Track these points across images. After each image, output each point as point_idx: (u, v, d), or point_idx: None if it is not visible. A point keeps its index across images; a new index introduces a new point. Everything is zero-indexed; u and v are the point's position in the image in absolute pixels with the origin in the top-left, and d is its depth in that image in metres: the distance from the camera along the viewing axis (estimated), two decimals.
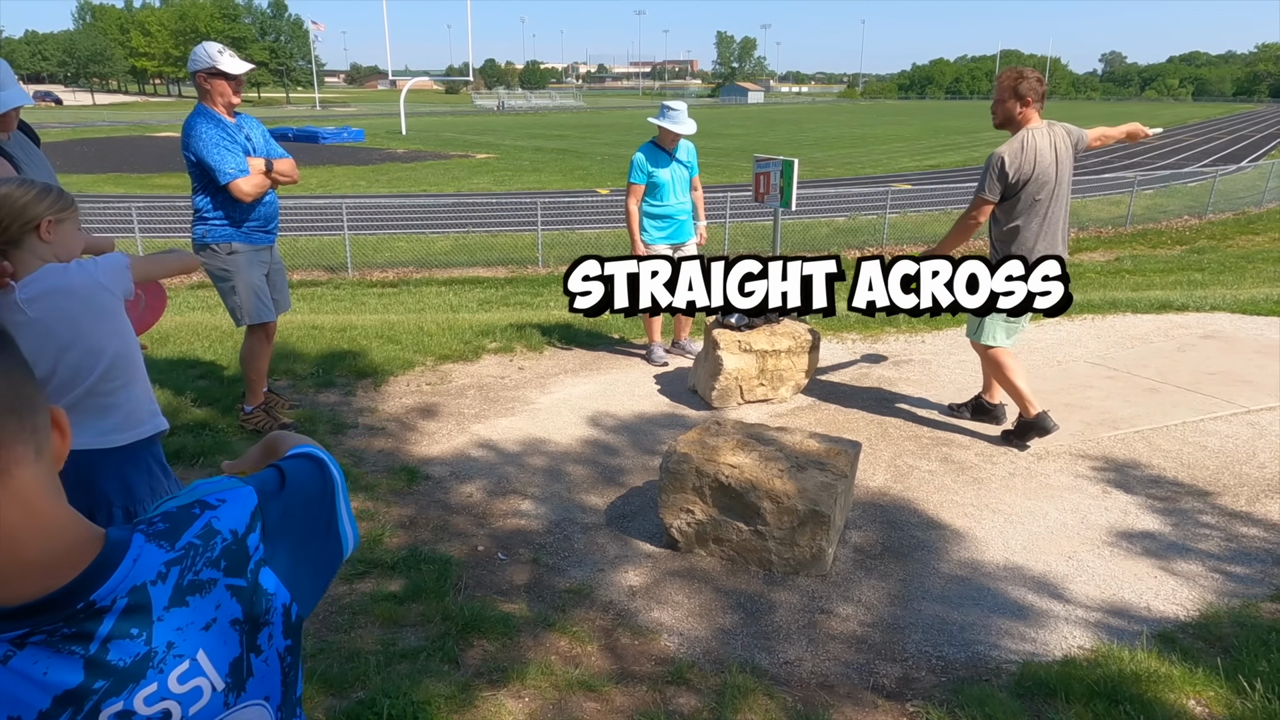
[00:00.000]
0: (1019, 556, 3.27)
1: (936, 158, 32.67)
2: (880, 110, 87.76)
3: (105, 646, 0.69)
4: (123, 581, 0.71)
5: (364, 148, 35.50)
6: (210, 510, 0.79)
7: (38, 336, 2.01)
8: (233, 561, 0.77)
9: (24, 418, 0.68)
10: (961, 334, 6.40)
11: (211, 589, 0.75)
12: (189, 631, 0.73)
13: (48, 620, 0.68)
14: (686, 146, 5.59)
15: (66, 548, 0.70)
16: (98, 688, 0.69)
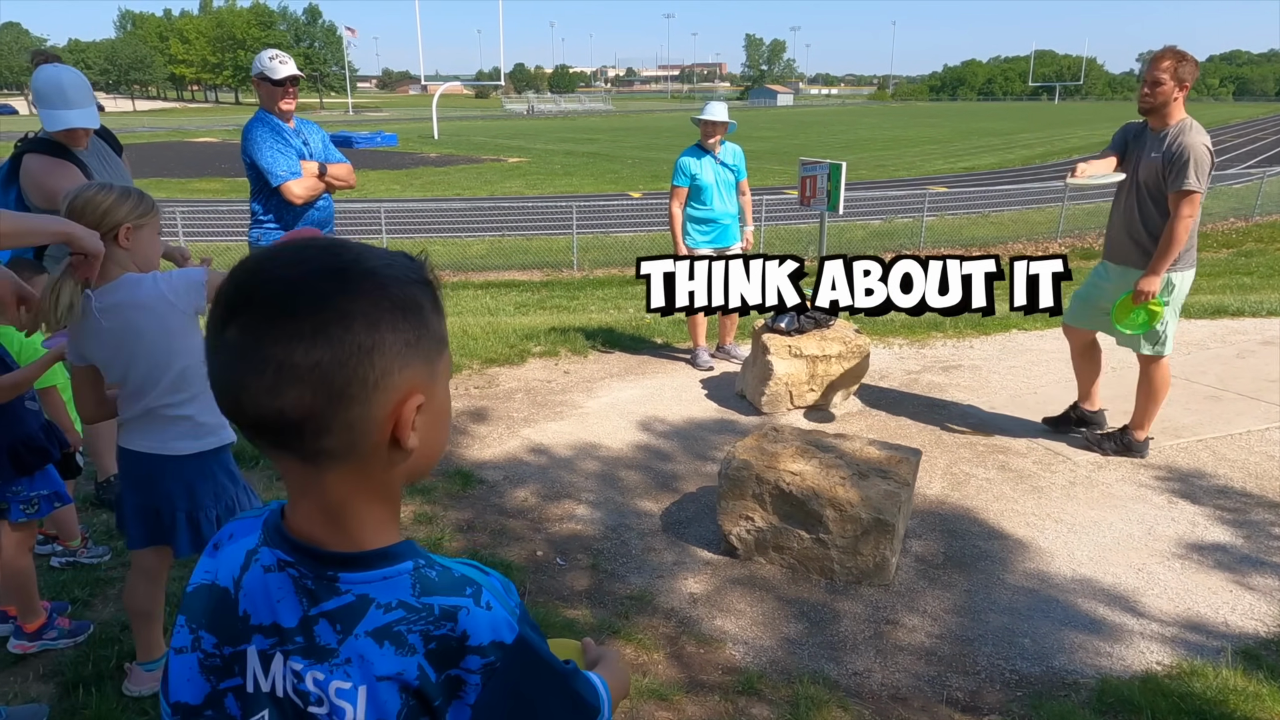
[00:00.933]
0: (1086, 568, 3.21)
1: (971, 160, 32.31)
2: (911, 112, 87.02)
3: (318, 617, 0.75)
4: (361, 584, 0.76)
5: (397, 152, 35.90)
6: (467, 602, 0.75)
7: (110, 346, 2.05)
8: (440, 654, 0.74)
9: None
10: (1010, 339, 6.32)
11: (409, 655, 0.74)
12: (366, 667, 0.74)
13: (307, 563, 0.76)
14: (732, 149, 5.57)
15: (351, 521, 0.77)
16: (297, 641, 0.76)
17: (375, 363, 0.70)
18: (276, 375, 0.68)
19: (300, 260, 0.72)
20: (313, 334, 0.68)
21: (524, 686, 0.76)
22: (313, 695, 0.75)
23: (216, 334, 0.71)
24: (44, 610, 2.53)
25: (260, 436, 0.73)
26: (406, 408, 0.73)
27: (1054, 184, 18.94)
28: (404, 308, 0.72)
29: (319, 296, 0.69)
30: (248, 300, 0.70)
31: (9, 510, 2.38)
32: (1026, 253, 14.71)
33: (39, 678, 2.42)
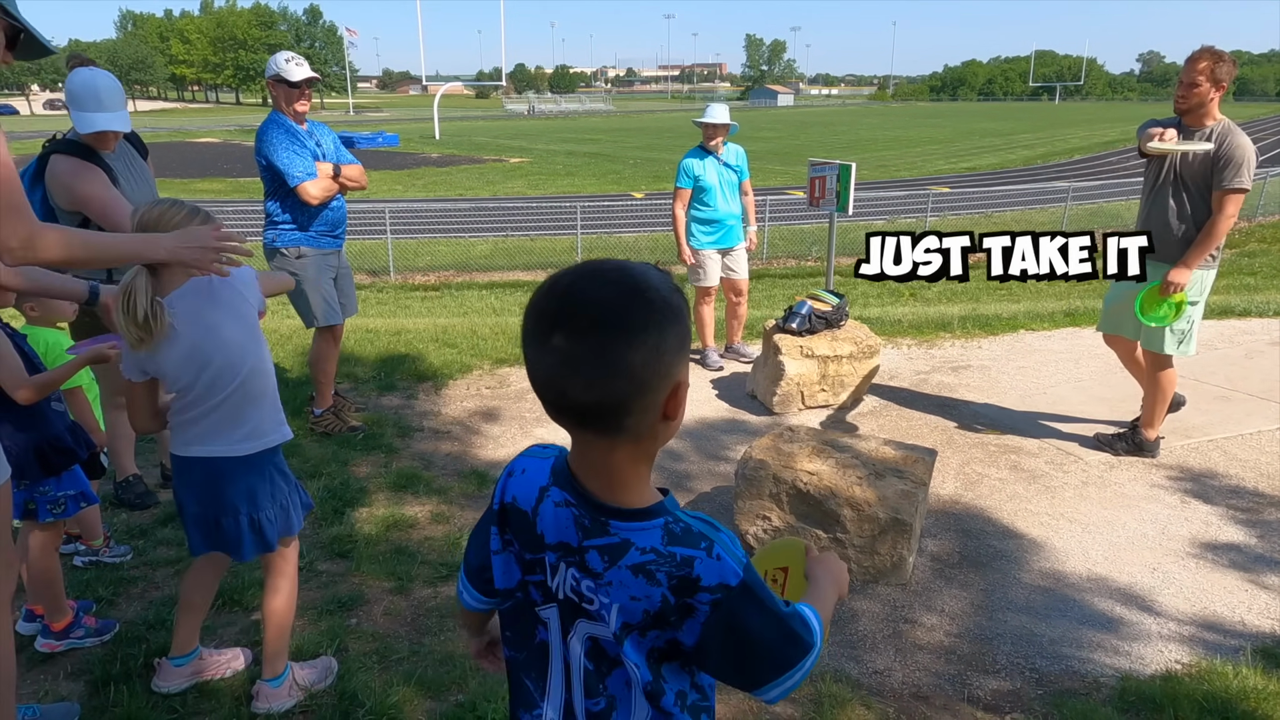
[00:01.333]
0: (1101, 568, 3.22)
1: (972, 160, 32.32)
2: (912, 112, 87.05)
3: (589, 549, 1.01)
4: (627, 531, 1.00)
5: (399, 152, 35.90)
6: (700, 554, 0.98)
7: (184, 349, 2.04)
8: (679, 588, 0.97)
9: None
10: (1018, 340, 6.33)
11: (654, 586, 0.98)
12: (622, 590, 1.00)
13: (587, 508, 1.02)
14: (735, 150, 5.58)
15: (628, 478, 1.01)
16: (574, 559, 1.03)
17: (665, 358, 0.93)
18: (603, 373, 0.91)
19: (607, 281, 0.94)
20: (629, 340, 0.91)
21: (743, 617, 0.98)
22: (587, 596, 1.03)
23: (542, 341, 0.92)
24: (71, 609, 2.55)
25: (571, 418, 0.97)
26: (679, 391, 0.97)
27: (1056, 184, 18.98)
28: (679, 314, 0.95)
29: (633, 311, 0.92)
30: (571, 314, 0.92)
31: (37, 510, 2.39)
32: None
33: (67, 676, 2.43)
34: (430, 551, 3.23)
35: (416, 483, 3.81)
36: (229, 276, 2.04)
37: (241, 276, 2.11)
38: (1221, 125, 3.76)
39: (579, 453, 1.03)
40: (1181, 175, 3.86)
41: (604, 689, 1.07)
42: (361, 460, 4.05)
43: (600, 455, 1.00)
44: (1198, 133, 3.82)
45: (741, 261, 5.67)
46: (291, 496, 2.24)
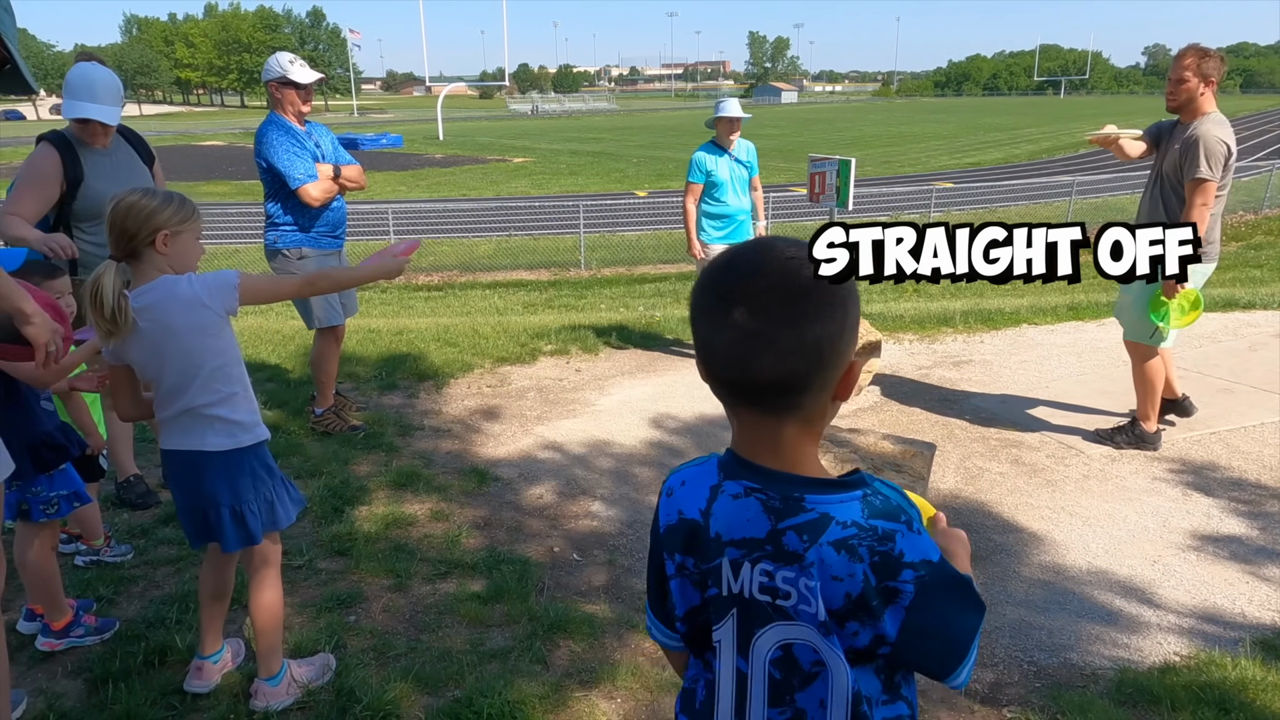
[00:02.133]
0: (1101, 561, 3.21)
1: (976, 155, 32.22)
2: (916, 108, 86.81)
3: (786, 530, 0.95)
4: (826, 504, 0.94)
5: (403, 153, 35.95)
6: (908, 531, 0.94)
7: (145, 346, 2.07)
8: (882, 569, 0.93)
9: None
10: (1021, 334, 6.31)
11: (857, 562, 0.93)
12: (825, 568, 0.94)
13: (777, 487, 0.96)
14: (746, 146, 5.59)
15: (802, 453, 0.97)
16: (766, 549, 0.96)
17: (847, 334, 0.93)
18: (787, 349, 0.89)
19: (788, 256, 0.92)
20: (814, 316, 0.90)
21: (944, 593, 0.95)
22: (782, 590, 0.96)
23: (721, 317, 0.91)
24: (70, 608, 2.57)
25: (748, 397, 0.95)
26: (854, 370, 0.96)
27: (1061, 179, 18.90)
28: (855, 297, 0.95)
29: (819, 285, 0.90)
30: (755, 289, 0.91)
31: (30, 511, 2.41)
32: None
33: (66, 674, 2.45)
34: (429, 549, 3.24)
35: (416, 481, 3.82)
36: (196, 279, 2.06)
37: (215, 281, 2.10)
38: (1203, 118, 3.77)
39: (751, 437, 0.98)
40: (1163, 171, 3.88)
41: (791, 701, 0.99)
42: (362, 459, 4.06)
43: (771, 434, 0.96)
44: (1187, 129, 3.81)
45: None
46: (278, 490, 2.24)
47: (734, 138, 5.44)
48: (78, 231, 3.22)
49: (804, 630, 0.96)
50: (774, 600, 0.97)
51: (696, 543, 1.01)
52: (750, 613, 0.99)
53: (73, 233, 3.21)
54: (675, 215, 5.73)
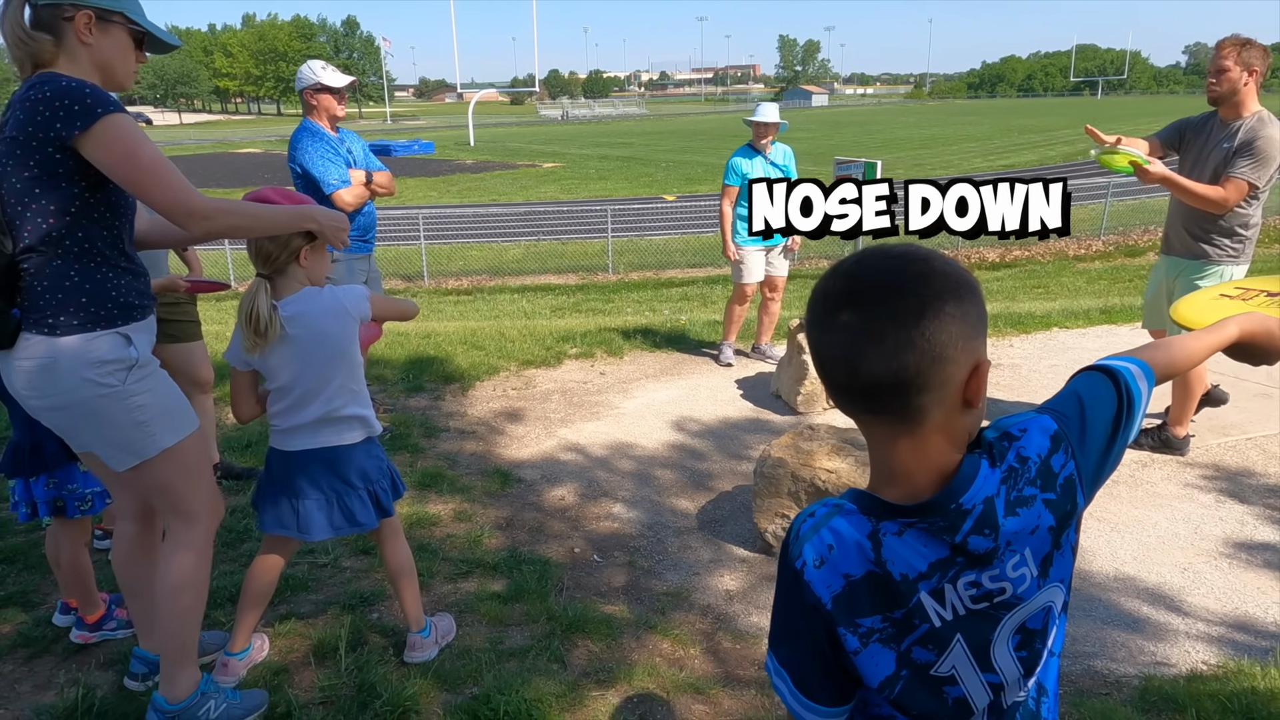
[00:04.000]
0: (1129, 567, 3.16)
1: (1010, 157, 31.77)
2: (949, 110, 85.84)
3: (966, 538, 0.94)
4: (978, 493, 0.94)
5: (434, 159, 36.36)
6: (1016, 441, 0.98)
7: (290, 353, 2.24)
8: (1045, 480, 0.97)
9: None
10: (1051, 338, 6.22)
11: (1033, 503, 0.96)
12: (1021, 536, 0.95)
13: (930, 515, 0.94)
14: (783, 150, 5.61)
15: (945, 467, 0.95)
16: (959, 562, 0.95)
17: (964, 329, 0.90)
18: (896, 342, 0.88)
19: (892, 255, 0.93)
20: (923, 307, 0.88)
21: (1091, 425, 1.03)
22: (995, 589, 0.96)
23: (829, 320, 0.92)
24: (103, 602, 2.64)
25: (863, 401, 0.94)
26: (981, 370, 0.93)
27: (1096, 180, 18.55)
28: (974, 287, 0.93)
29: (925, 279, 0.90)
30: (859, 288, 0.91)
31: (66, 507, 2.48)
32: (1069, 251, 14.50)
33: (99, 666, 2.52)
34: (452, 548, 3.27)
35: (440, 481, 3.87)
36: (339, 291, 2.26)
37: (352, 293, 2.28)
38: (1256, 118, 3.65)
39: (885, 455, 0.96)
40: (1210, 171, 3.76)
41: (1044, 665, 1.03)
42: None
43: (908, 446, 0.94)
44: (1228, 126, 3.71)
45: (781, 260, 5.70)
46: (394, 470, 2.49)
47: (767, 141, 5.47)
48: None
49: (1030, 604, 0.97)
50: (992, 602, 0.96)
51: (883, 596, 0.96)
52: (975, 626, 0.96)
53: None
54: (703, 219, 5.77)
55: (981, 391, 0.93)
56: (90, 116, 1.85)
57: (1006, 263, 13.83)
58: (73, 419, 2.01)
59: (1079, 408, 1.04)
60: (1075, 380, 1.10)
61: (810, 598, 0.98)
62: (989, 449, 0.97)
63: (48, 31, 1.92)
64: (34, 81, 1.88)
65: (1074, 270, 12.68)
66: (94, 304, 1.98)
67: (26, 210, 1.92)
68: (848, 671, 1.01)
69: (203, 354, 3.73)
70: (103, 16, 1.95)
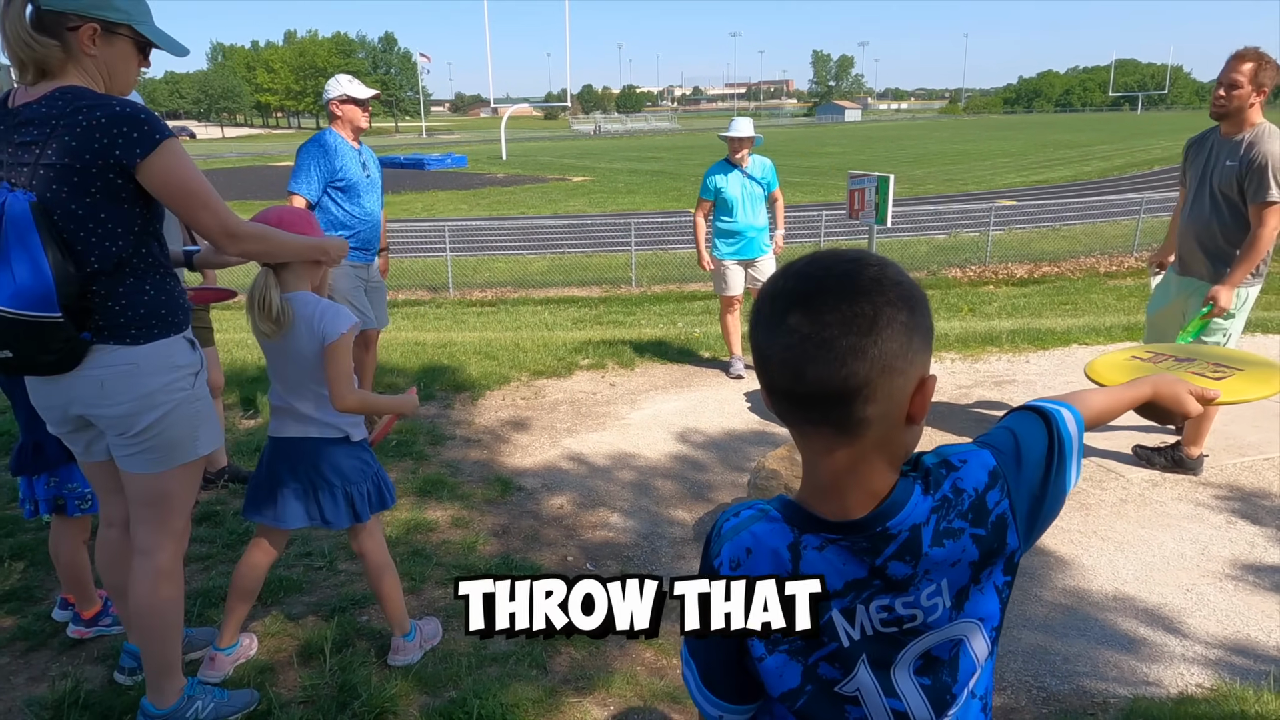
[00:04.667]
0: (1130, 587, 3.09)
1: (1045, 173, 31.39)
2: (984, 125, 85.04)
3: (887, 563, 0.93)
4: (906, 520, 0.93)
5: (466, 173, 36.82)
6: (954, 471, 0.96)
7: (274, 345, 2.33)
8: (977, 515, 0.95)
9: None
10: (1069, 354, 6.13)
11: (959, 536, 0.94)
12: (941, 566, 0.94)
13: (854, 534, 0.93)
14: (761, 163, 5.60)
15: (879, 487, 0.93)
16: (875, 584, 0.94)
17: (914, 340, 0.88)
18: (846, 349, 0.85)
19: (845, 259, 0.91)
20: (876, 315, 0.86)
21: (1026, 465, 1.00)
22: (907, 615, 0.95)
23: (776, 323, 0.89)
24: (99, 599, 2.70)
25: (807, 408, 0.91)
26: (926, 386, 0.91)
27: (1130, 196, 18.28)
28: (923, 300, 0.91)
29: (878, 285, 0.87)
30: (809, 291, 0.88)
31: (66, 505, 2.55)
32: (1100, 268, 14.26)
33: (92, 660, 2.58)
34: (446, 554, 3.31)
35: (441, 488, 3.91)
36: (329, 308, 2.33)
37: (336, 317, 2.30)
38: (1256, 132, 3.60)
39: (821, 469, 0.94)
40: (1214, 188, 3.72)
41: (952, 698, 0.98)
42: (391, 466, 4.17)
43: (845, 460, 0.91)
44: (1230, 141, 3.66)
45: (767, 271, 5.68)
46: (382, 474, 2.49)
47: (742, 155, 5.50)
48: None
49: (939, 633, 0.95)
50: (901, 628, 0.95)
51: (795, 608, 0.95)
52: (881, 648, 0.96)
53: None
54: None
55: (925, 408, 0.91)
56: (150, 144, 1.89)
57: (1034, 279, 13.65)
58: (144, 423, 2.03)
59: (1014, 445, 1.02)
60: (1009, 418, 1.09)
61: None
62: (925, 474, 0.95)
63: (53, 38, 1.89)
64: (78, 104, 1.86)
65: (1103, 287, 12.46)
66: (169, 313, 2.05)
67: (91, 235, 1.92)
68: (753, 675, 1.01)
69: (215, 359, 3.82)
70: (109, 29, 1.95)
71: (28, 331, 1.85)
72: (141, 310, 2.00)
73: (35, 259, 1.84)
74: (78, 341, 1.93)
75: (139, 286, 1.99)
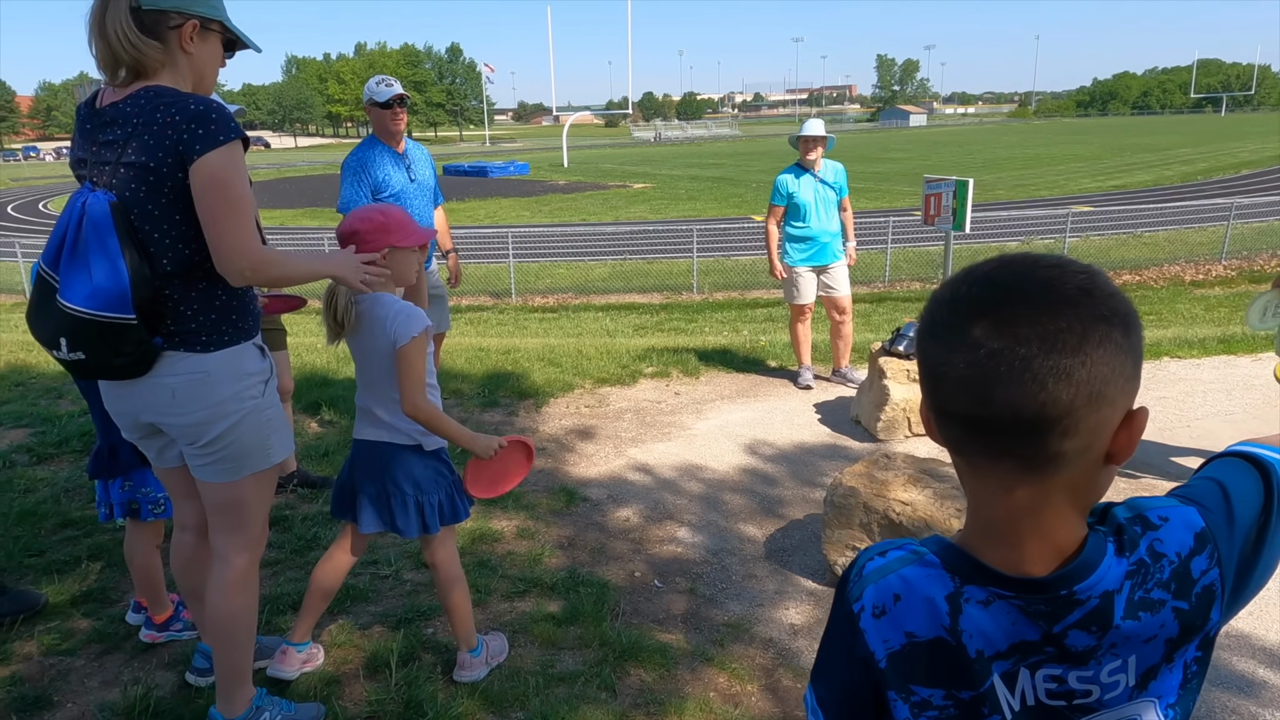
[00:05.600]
0: (1244, 623, 2.85)
1: (1121, 177, 30.20)
2: (1055, 129, 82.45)
3: (1066, 631, 0.79)
4: (1098, 584, 0.78)
5: (528, 180, 37.23)
6: (1153, 530, 0.80)
7: (356, 345, 2.33)
8: (1180, 585, 0.80)
9: None
10: (1161, 368, 5.80)
11: (1159, 610, 0.79)
12: (1132, 642, 0.80)
13: (1031, 594, 0.79)
14: (833, 167, 5.43)
15: (1063, 539, 0.79)
16: (1048, 652, 0.80)
17: (1127, 366, 0.73)
18: (1046, 373, 0.71)
19: (1044, 265, 0.75)
20: (1084, 333, 0.71)
21: (1238, 525, 0.82)
22: (1080, 690, 0.81)
23: (958, 331, 0.75)
24: (171, 604, 2.71)
25: (991, 435, 0.75)
26: (1137, 418, 0.76)
27: (1218, 201, 17.43)
28: (1138, 324, 0.76)
29: (1088, 299, 0.73)
30: (1002, 300, 0.74)
31: (140, 510, 2.57)
32: (1185, 276, 13.59)
33: (162, 665, 2.58)
34: (511, 566, 3.24)
35: (505, 497, 3.85)
36: (403, 308, 2.26)
37: (410, 317, 2.24)
38: None
39: (993, 509, 0.80)
40: None
41: None
42: None
43: (1027, 502, 0.77)
44: None
45: (840, 278, 5.49)
46: (457, 488, 2.43)
47: (815, 157, 5.31)
48: None
49: (1112, 713, 0.82)
50: (1070, 703, 0.81)
51: (948, 668, 0.82)
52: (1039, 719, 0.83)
53: None
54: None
55: (1132, 447, 0.76)
56: (212, 142, 1.83)
57: None
58: (215, 432, 2.00)
59: (1224, 503, 0.84)
60: (1215, 467, 0.91)
61: (862, 649, 0.86)
62: (1118, 531, 0.80)
63: (155, 38, 1.87)
64: (157, 101, 1.85)
65: (1190, 297, 11.86)
66: (240, 319, 2.02)
67: (165, 236, 1.89)
68: None
69: (285, 363, 3.84)
70: (205, 25, 1.94)
71: (100, 332, 1.84)
72: (213, 315, 1.97)
73: (113, 259, 1.83)
74: (150, 346, 1.91)
75: (211, 291, 1.97)
